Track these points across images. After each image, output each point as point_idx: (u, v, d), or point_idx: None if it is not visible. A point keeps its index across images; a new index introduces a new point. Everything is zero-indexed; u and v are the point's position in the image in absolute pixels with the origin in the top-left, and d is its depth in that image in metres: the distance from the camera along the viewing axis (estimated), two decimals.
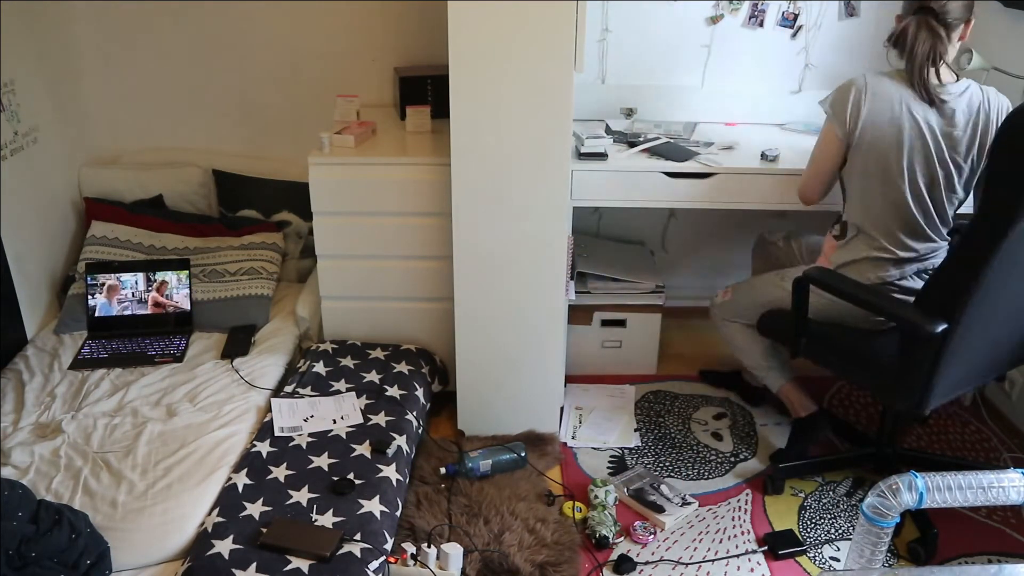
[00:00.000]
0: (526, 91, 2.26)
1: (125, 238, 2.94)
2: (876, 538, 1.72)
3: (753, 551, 2.30)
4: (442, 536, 2.23)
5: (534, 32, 2.20)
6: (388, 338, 2.78)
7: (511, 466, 2.51)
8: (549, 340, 2.59)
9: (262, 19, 3.02)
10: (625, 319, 3.01)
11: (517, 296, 2.52)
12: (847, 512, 2.45)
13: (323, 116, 3.00)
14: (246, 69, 3.10)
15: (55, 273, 2.91)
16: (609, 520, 2.32)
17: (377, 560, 1.90)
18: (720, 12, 2.98)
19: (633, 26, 2.98)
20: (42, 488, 2.04)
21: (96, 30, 3.02)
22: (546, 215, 2.42)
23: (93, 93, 3.10)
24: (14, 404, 2.39)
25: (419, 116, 2.79)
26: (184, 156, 3.16)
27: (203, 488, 2.07)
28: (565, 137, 2.33)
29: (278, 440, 2.27)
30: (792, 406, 2.65)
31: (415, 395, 2.54)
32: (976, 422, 2.86)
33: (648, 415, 2.87)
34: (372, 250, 2.66)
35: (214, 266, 2.91)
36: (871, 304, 2.18)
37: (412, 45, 3.07)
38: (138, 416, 2.32)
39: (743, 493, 2.52)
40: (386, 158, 2.59)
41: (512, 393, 2.66)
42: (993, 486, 1.64)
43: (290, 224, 3.14)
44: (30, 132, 2.76)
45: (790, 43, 3.03)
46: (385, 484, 2.14)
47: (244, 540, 1.90)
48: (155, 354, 2.63)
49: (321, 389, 2.51)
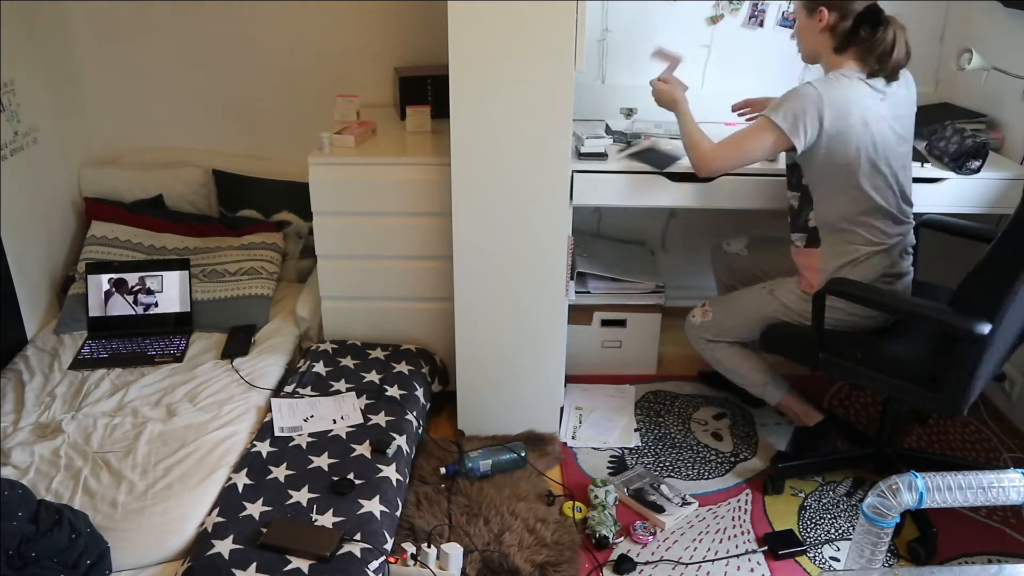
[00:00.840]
0: (526, 91, 2.26)
1: (125, 238, 2.94)
2: (876, 538, 1.72)
3: (753, 551, 2.30)
4: (442, 536, 2.23)
5: (534, 32, 2.20)
6: (388, 338, 2.78)
7: (511, 466, 2.51)
8: (549, 340, 2.59)
9: (262, 19, 3.02)
10: (625, 319, 3.00)
11: (517, 296, 2.52)
12: (847, 512, 2.45)
13: (323, 116, 3.00)
14: (246, 69, 3.10)
15: (55, 273, 2.91)
16: (609, 520, 2.32)
17: (377, 560, 1.90)
18: (720, 12, 2.99)
19: (633, 26, 2.98)
20: (42, 488, 2.04)
21: (96, 30, 3.02)
22: (546, 215, 2.42)
23: (93, 93, 3.10)
24: (14, 404, 2.39)
25: (419, 116, 2.79)
26: (184, 156, 3.16)
27: (203, 488, 2.07)
28: (565, 137, 2.33)
29: (278, 440, 2.27)
30: (797, 417, 2.62)
31: (415, 395, 2.54)
32: (976, 422, 2.86)
33: (648, 415, 2.87)
34: (372, 250, 2.66)
35: (214, 266, 2.91)
36: (905, 311, 2.19)
37: (412, 45, 3.07)
38: (138, 416, 2.32)
39: (743, 493, 2.52)
40: (386, 158, 2.59)
41: (512, 393, 2.66)
42: (993, 486, 1.64)
43: (290, 224, 3.14)
44: (30, 132, 2.76)
45: (790, 43, 3.01)
46: (385, 484, 2.14)
47: (244, 540, 1.90)
48: (155, 354, 2.63)
49: (321, 389, 2.51)
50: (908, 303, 2.24)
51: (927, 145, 2.80)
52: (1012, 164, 2.72)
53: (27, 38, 2.75)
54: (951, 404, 2.13)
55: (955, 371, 2.08)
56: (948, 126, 2.75)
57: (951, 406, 2.13)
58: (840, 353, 2.29)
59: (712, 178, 2.49)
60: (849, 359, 2.28)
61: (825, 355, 2.30)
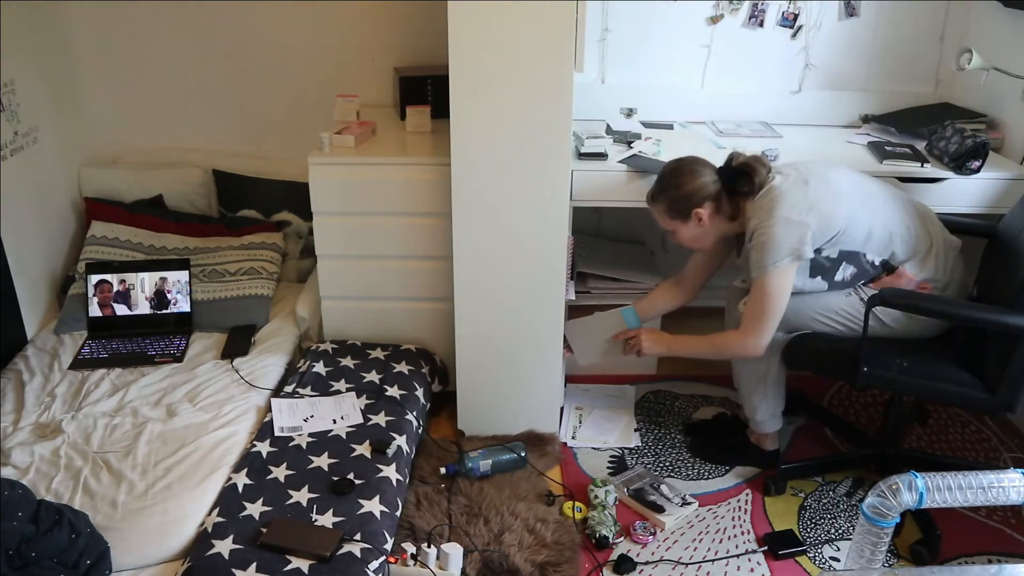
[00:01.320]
0: (526, 91, 2.26)
1: (125, 238, 2.94)
2: (876, 538, 1.72)
3: (753, 551, 2.30)
4: (442, 536, 2.23)
5: (534, 32, 2.20)
6: (388, 338, 2.78)
7: (511, 466, 2.51)
8: (549, 340, 2.59)
9: (262, 19, 3.02)
10: None
11: (517, 296, 2.52)
12: (847, 512, 2.45)
13: (323, 116, 3.00)
14: (246, 69, 3.10)
15: (55, 273, 2.91)
16: (609, 520, 2.32)
17: (377, 560, 1.90)
18: (720, 12, 2.98)
19: (633, 26, 2.98)
20: (42, 488, 2.04)
21: (96, 30, 3.02)
22: (546, 215, 2.42)
23: (93, 93, 3.10)
24: (14, 404, 2.39)
25: (419, 116, 2.79)
26: (184, 156, 3.16)
27: (203, 488, 2.07)
28: (565, 137, 2.33)
29: (278, 440, 2.27)
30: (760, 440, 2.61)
31: (415, 395, 2.54)
32: (976, 422, 2.86)
33: (648, 415, 2.87)
34: (372, 250, 2.66)
35: (214, 266, 2.91)
36: (962, 316, 2.19)
37: (412, 45, 3.07)
38: (138, 416, 2.32)
39: (743, 493, 2.52)
40: (386, 158, 2.59)
41: (512, 393, 2.66)
42: (993, 486, 1.64)
43: (290, 224, 3.14)
44: (30, 132, 2.76)
45: (790, 43, 3.03)
46: (385, 484, 2.14)
47: (244, 540, 1.90)
48: (155, 354, 2.63)
49: (321, 389, 2.51)
50: (958, 307, 2.22)
51: (927, 145, 2.80)
52: (1012, 164, 2.72)
53: (27, 38, 2.75)
54: (1006, 403, 2.14)
55: (1013, 371, 2.10)
56: (948, 126, 2.75)
57: (1006, 405, 2.14)
58: (882, 364, 2.22)
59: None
60: (892, 369, 2.22)
61: (869, 367, 2.22)
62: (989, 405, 2.17)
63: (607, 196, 2.62)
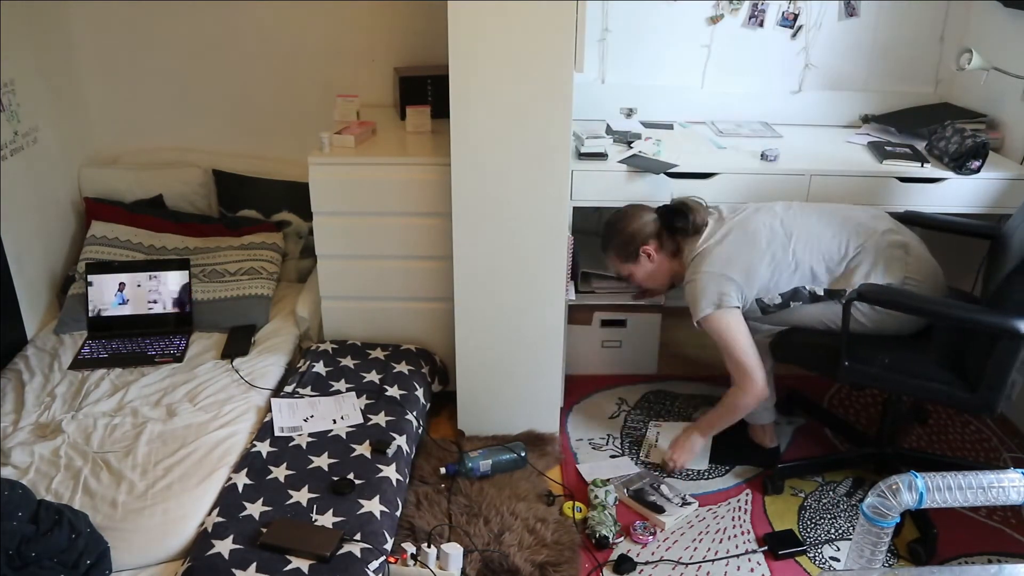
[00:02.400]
0: (526, 91, 2.26)
1: (125, 238, 2.94)
2: (876, 538, 1.72)
3: (753, 551, 2.30)
4: (442, 536, 2.23)
5: (534, 32, 2.20)
6: (388, 338, 2.78)
7: (511, 466, 2.51)
8: (549, 340, 2.59)
9: (262, 19, 3.02)
10: (625, 319, 3.00)
11: (517, 296, 2.52)
12: (847, 512, 2.45)
13: (323, 116, 3.00)
14: (246, 69, 3.10)
15: (55, 273, 2.91)
16: (609, 520, 2.32)
17: (377, 560, 1.90)
18: (720, 12, 2.99)
19: (633, 26, 2.99)
20: (42, 488, 2.04)
21: (96, 30, 3.02)
22: (546, 215, 2.42)
23: (93, 93, 3.10)
24: (14, 404, 2.39)
25: (419, 116, 2.79)
26: (184, 156, 3.16)
27: (203, 488, 2.07)
28: (565, 137, 2.33)
29: (278, 440, 2.27)
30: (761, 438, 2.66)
31: (415, 395, 2.54)
32: (976, 422, 2.86)
33: (648, 415, 2.87)
34: (372, 250, 2.66)
35: (214, 266, 2.91)
36: (937, 313, 2.19)
37: (412, 45, 3.07)
38: (138, 416, 2.32)
39: (743, 493, 2.52)
40: (386, 158, 2.59)
41: (512, 393, 2.66)
42: (993, 486, 1.64)
43: (290, 224, 3.14)
44: (30, 132, 2.76)
45: (790, 43, 3.03)
46: (385, 484, 2.14)
47: (244, 540, 1.90)
48: (155, 354, 2.63)
49: (321, 389, 2.51)
50: (945, 306, 2.22)
51: (927, 145, 2.80)
52: (1012, 164, 2.72)
53: (27, 38, 2.75)
54: (986, 403, 2.14)
55: (992, 370, 2.10)
56: (948, 126, 2.76)
57: (986, 405, 2.14)
58: (865, 360, 2.26)
59: None
60: (875, 365, 2.25)
61: (851, 363, 2.26)
62: (970, 404, 2.17)
63: (607, 196, 2.62)
